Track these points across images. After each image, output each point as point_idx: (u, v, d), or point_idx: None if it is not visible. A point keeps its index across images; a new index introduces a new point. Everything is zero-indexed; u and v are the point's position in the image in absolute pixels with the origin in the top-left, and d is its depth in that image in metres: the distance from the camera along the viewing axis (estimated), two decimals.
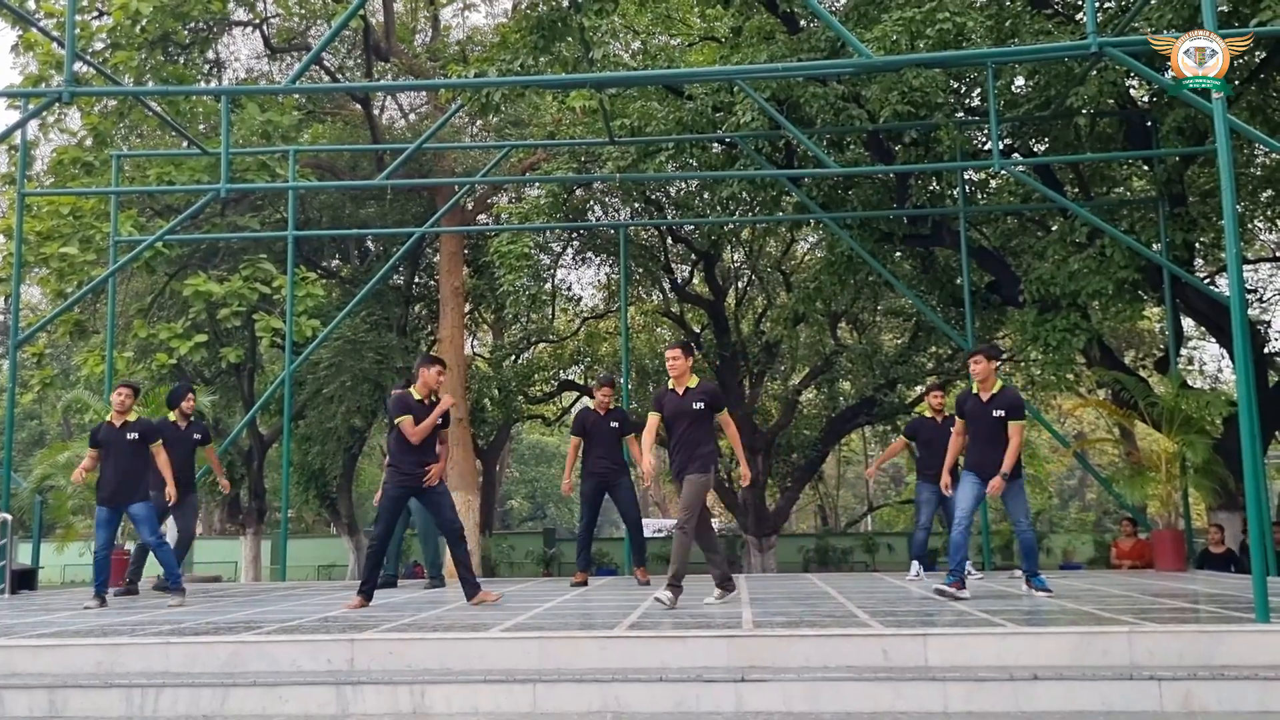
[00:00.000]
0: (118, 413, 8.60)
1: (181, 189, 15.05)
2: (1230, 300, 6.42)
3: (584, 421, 9.51)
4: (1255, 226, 19.26)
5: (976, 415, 7.75)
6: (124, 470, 8.48)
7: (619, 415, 9.60)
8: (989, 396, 7.71)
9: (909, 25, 10.59)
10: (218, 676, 5.64)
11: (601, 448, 9.39)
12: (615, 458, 9.48)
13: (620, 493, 9.55)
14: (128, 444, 8.51)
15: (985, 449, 7.68)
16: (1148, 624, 5.72)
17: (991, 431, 7.68)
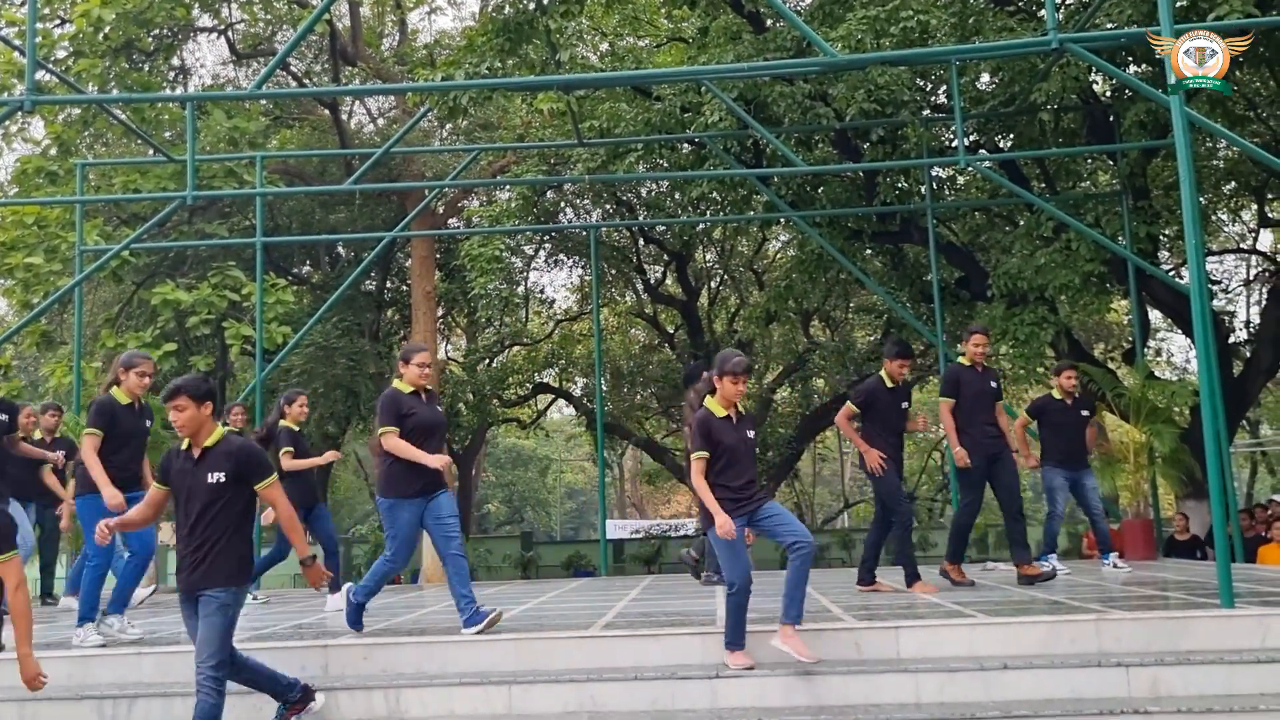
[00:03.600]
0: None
1: (148, 196, 14.92)
2: (1190, 291, 6.52)
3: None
4: (1219, 219, 19.55)
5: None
6: None
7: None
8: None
9: (873, 24, 10.67)
10: (190, 686, 5.58)
11: None
12: None
13: None
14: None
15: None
16: (1115, 612, 5.79)
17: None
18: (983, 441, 7.71)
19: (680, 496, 40.57)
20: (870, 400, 7.74)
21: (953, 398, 7.84)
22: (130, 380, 6.55)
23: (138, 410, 6.65)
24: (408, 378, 6.27)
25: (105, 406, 6.50)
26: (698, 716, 5.12)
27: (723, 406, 5.49)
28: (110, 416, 6.48)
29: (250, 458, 4.78)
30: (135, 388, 6.58)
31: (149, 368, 6.63)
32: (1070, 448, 8.80)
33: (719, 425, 5.46)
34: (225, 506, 4.71)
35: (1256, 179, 15.03)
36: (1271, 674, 5.14)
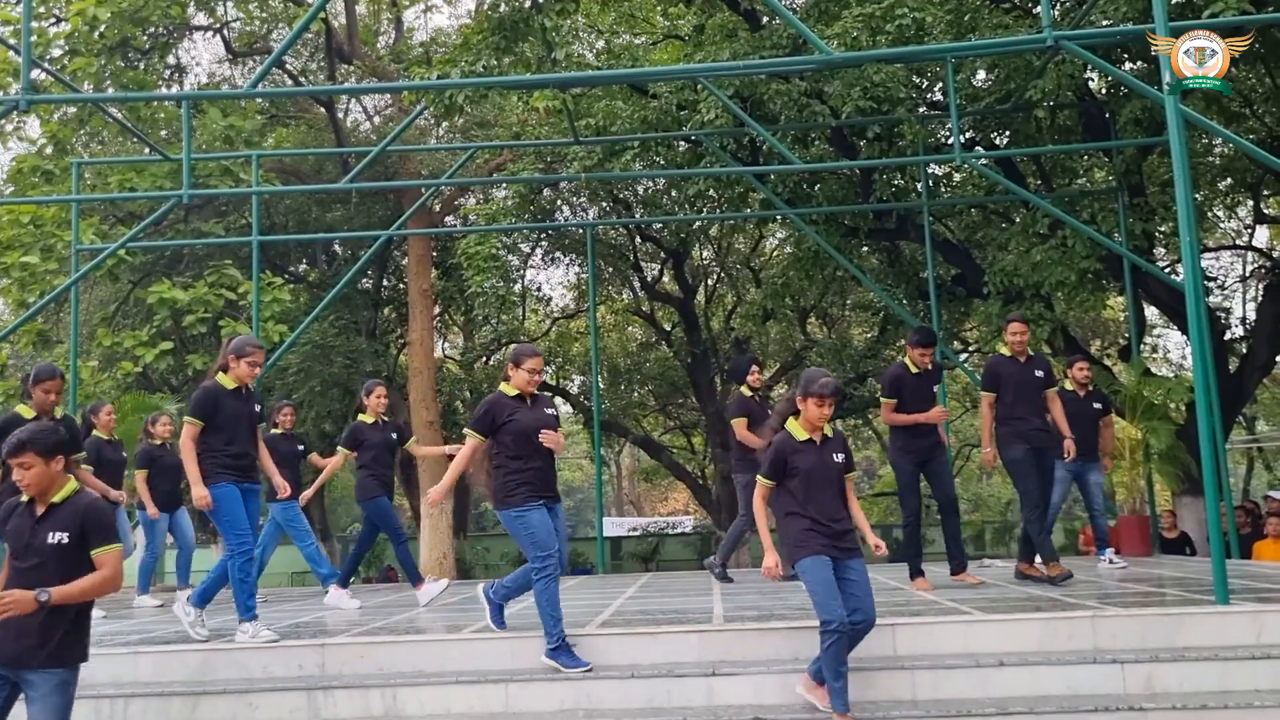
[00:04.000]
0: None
1: (143, 195, 14.90)
2: (1185, 288, 6.53)
3: None
4: (1215, 215, 19.55)
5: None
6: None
7: None
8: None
9: (869, 21, 10.67)
10: (187, 685, 5.62)
11: None
12: None
13: None
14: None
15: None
16: (1111, 608, 5.81)
17: None
18: (1027, 433, 7.46)
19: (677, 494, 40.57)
20: (897, 387, 7.58)
21: (993, 391, 7.60)
22: (240, 369, 6.19)
23: (244, 395, 6.27)
24: (515, 382, 5.73)
25: (208, 393, 6.11)
26: (694, 714, 5.13)
27: (805, 430, 5.08)
28: (213, 404, 6.08)
29: (97, 517, 4.10)
30: (245, 376, 6.23)
31: (260, 356, 6.25)
32: (1079, 440, 8.78)
33: (798, 450, 5.03)
34: (67, 570, 3.99)
35: (1252, 175, 15.04)
36: (1266, 670, 5.16)
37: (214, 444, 6.08)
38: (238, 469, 6.14)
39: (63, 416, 5.96)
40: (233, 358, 6.19)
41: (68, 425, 5.65)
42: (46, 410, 6.38)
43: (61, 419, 5.88)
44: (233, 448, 6.13)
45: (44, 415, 6.27)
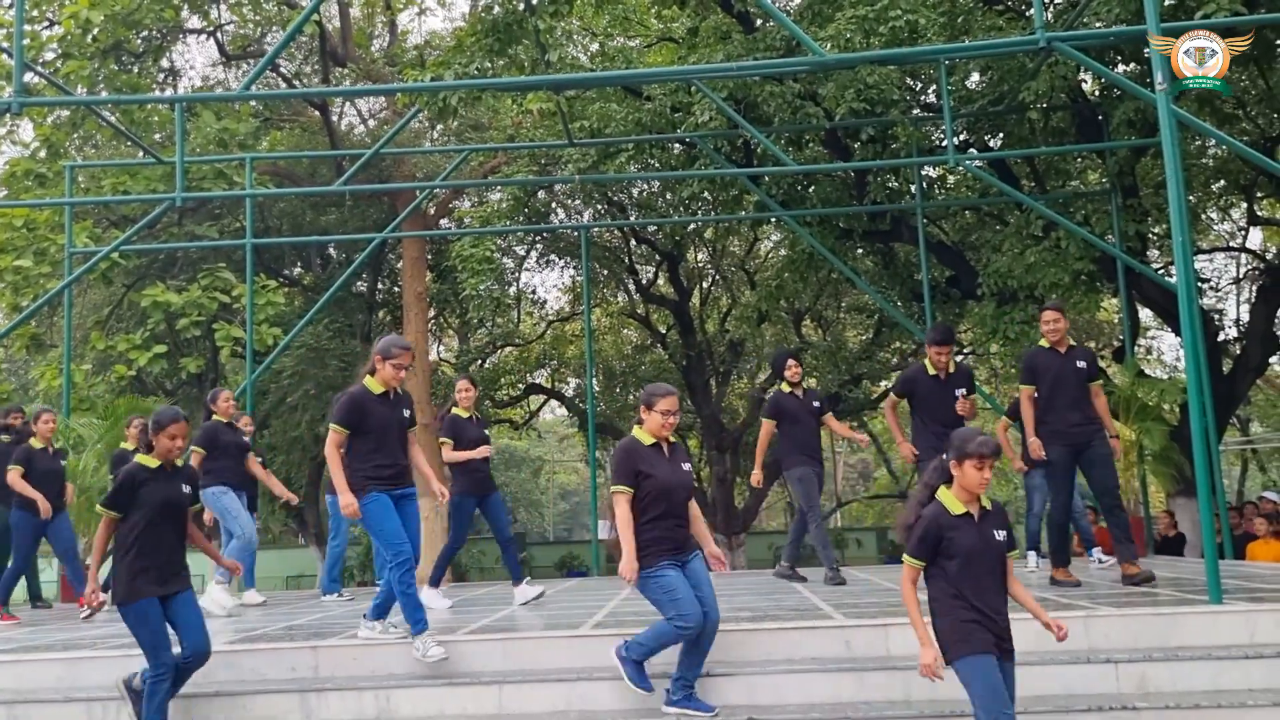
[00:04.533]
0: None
1: (137, 198, 14.88)
2: (1178, 289, 6.54)
3: None
4: (1208, 217, 19.60)
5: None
6: None
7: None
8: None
9: (862, 23, 10.69)
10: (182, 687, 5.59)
11: None
12: None
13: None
14: None
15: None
16: (1105, 608, 5.81)
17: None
18: (1063, 430, 7.10)
19: None
20: (910, 387, 7.40)
21: (1030, 384, 7.27)
22: (386, 371, 5.79)
23: (393, 400, 5.87)
24: (649, 426, 5.11)
25: (354, 399, 5.75)
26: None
27: (962, 500, 4.24)
28: (359, 410, 5.71)
29: None
30: (391, 379, 5.82)
31: (407, 358, 5.81)
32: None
33: (954, 525, 4.21)
34: None
35: (1246, 177, 15.08)
36: (1258, 670, 5.16)
37: (361, 452, 5.71)
38: (387, 477, 5.74)
39: (184, 465, 5.45)
40: (378, 359, 5.82)
41: (189, 476, 5.43)
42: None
43: (183, 468, 5.44)
44: (381, 455, 5.75)
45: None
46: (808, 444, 8.25)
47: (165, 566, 5.18)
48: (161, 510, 5.17)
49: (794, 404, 8.29)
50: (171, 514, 5.22)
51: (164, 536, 5.19)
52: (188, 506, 5.36)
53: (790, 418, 8.24)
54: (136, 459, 5.32)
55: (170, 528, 5.21)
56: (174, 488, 5.28)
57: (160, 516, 5.17)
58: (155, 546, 5.14)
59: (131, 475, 5.18)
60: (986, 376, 23.58)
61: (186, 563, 5.33)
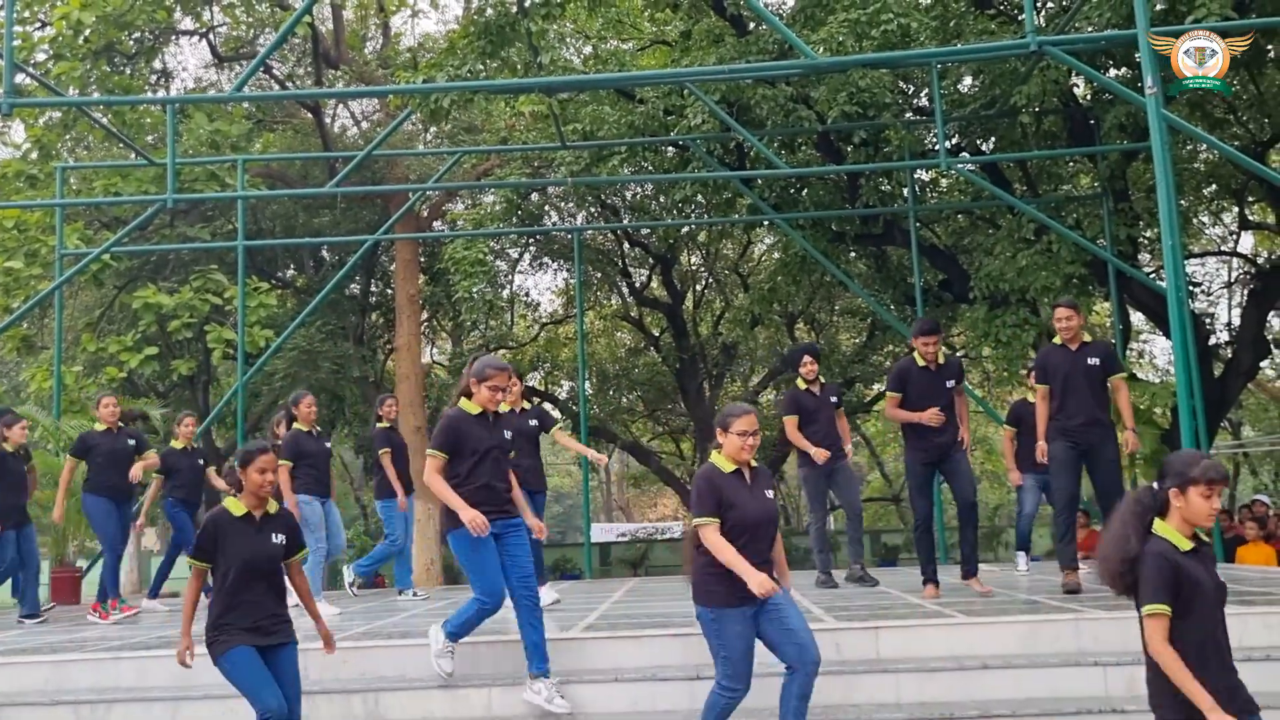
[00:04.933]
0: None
1: (128, 200, 14.84)
2: (1168, 293, 6.56)
3: None
4: (1199, 221, 19.66)
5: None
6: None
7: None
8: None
9: (854, 27, 10.71)
10: (169, 690, 5.58)
11: None
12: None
13: None
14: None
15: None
16: (1094, 610, 5.82)
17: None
18: (1070, 428, 6.91)
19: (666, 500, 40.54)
20: (901, 381, 7.27)
21: (1044, 384, 7.11)
22: (482, 394, 5.35)
23: (491, 422, 5.43)
24: (728, 450, 4.57)
25: (450, 422, 5.33)
26: (677, 717, 5.12)
27: (1185, 535, 3.54)
28: (455, 435, 5.29)
29: None
30: (488, 402, 5.37)
31: (503, 379, 5.36)
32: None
33: (1183, 564, 3.51)
34: None
35: (1237, 182, 15.13)
36: (1247, 673, 5.11)
37: (459, 477, 5.28)
38: (487, 505, 5.24)
39: (278, 511, 4.75)
40: (473, 382, 5.37)
41: (284, 525, 4.71)
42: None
43: (278, 513, 4.75)
44: (479, 481, 5.28)
45: (256, 510, 4.67)
46: (824, 441, 8.03)
47: (259, 622, 4.56)
48: (249, 566, 4.53)
49: (811, 401, 8.11)
50: (262, 571, 4.57)
51: (254, 592, 4.56)
52: (280, 559, 4.67)
53: (808, 415, 8.06)
54: (223, 503, 4.65)
55: (263, 584, 4.58)
56: (263, 541, 4.59)
57: (249, 572, 4.53)
58: (245, 602, 4.52)
59: (214, 522, 4.55)
60: (979, 379, 23.61)
61: (287, 615, 4.72)
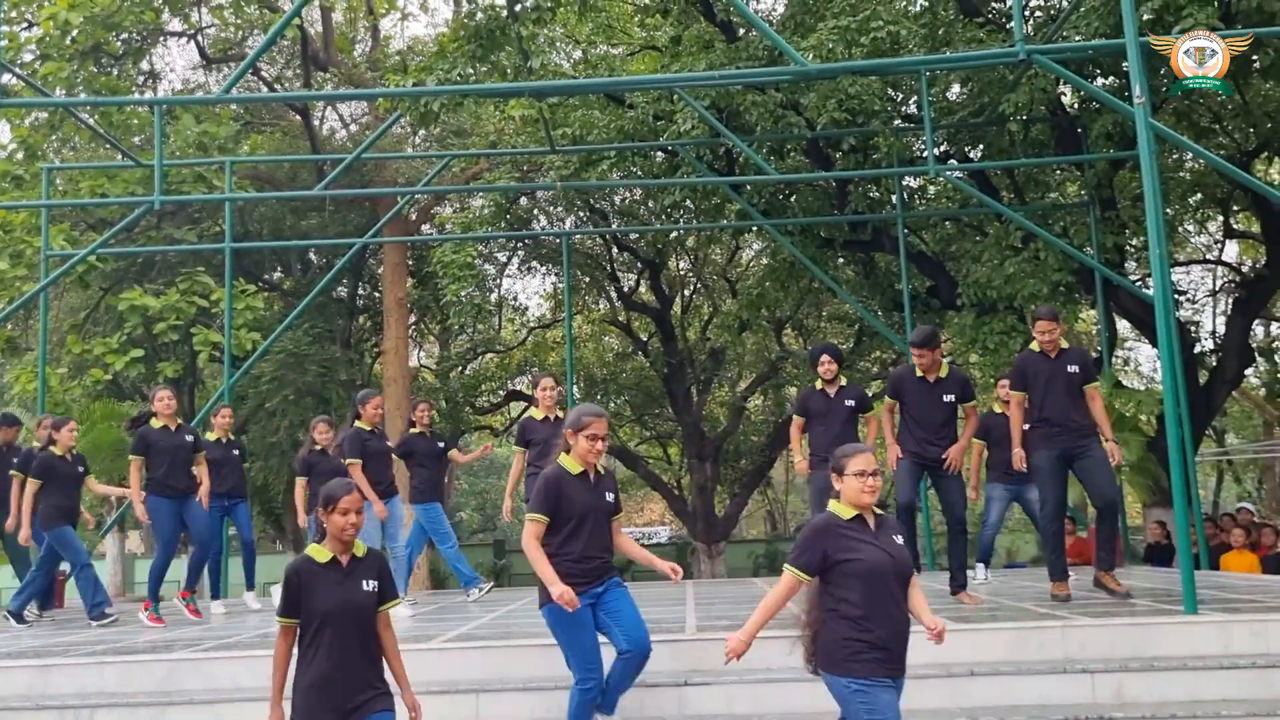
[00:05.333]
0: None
1: (115, 201, 14.77)
2: (1155, 301, 6.59)
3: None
4: (1185, 230, 19.78)
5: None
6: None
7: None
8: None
9: (844, 34, 10.74)
10: (153, 696, 5.55)
11: None
12: None
13: None
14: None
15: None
16: (1081, 618, 5.83)
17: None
18: (1053, 435, 6.85)
19: (653, 505, 40.53)
20: (898, 388, 7.19)
21: (1021, 390, 7.04)
22: (580, 446, 4.79)
23: (594, 482, 4.85)
24: (846, 495, 4.10)
25: (549, 484, 4.76)
26: None
27: None
28: (555, 497, 4.73)
29: None
30: (587, 454, 4.80)
31: (601, 427, 4.79)
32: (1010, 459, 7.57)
33: None
34: None
35: (1223, 191, 15.22)
36: (1234, 680, 5.20)
37: (553, 544, 4.76)
38: (585, 573, 4.74)
39: (367, 554, 4.17)
40: (570, 434, 4.80)
41: (379, 568, 4.15)
42: (346, 542, 4.10)
43: (367, 556, 4.17)
44: (575, 550, 4.74)
45: (342, 555, 4.10)
46: (831, 446, 7.88)
47: (346, 685, 3.95)
48: (336, 618, 3.95)
49: (821, 402, 7.88)
50: (351, 624, 3.98)
51: (341, 650, 3.96)
52: (373, 609, 4.06)
53: (817, 416, 7.88)
54: (308, 550, 4.10)
55: (353, 639, 3.98)
56: (352, 589, 4.01)
57: (334, 626, 3.94)
58: (330, 663, 3.93)
59: (295, 572, 3.99)
60: None
61: (382, 678, 4.10)
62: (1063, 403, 6.87)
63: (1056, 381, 6.89)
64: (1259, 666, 5.23)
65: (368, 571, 4.06)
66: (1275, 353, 21.56)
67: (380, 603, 4.07)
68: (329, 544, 4.06)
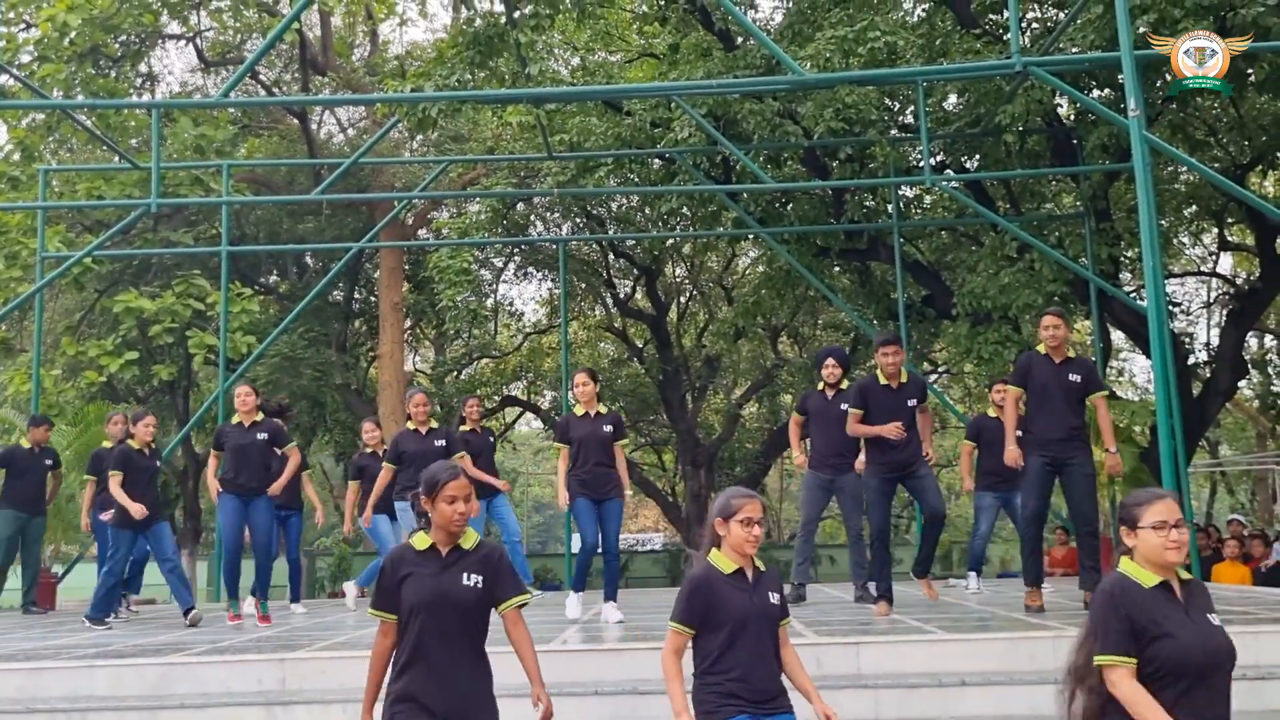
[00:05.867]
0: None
1: (111, 203, 14.76)
2: (1148, 313, 6.62)
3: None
4: (1180, 242, 19.84)
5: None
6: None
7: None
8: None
9: (841, 44, 10.76)
10: (144, 700, 5.53)
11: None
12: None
13: None
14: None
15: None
16: (1073, 629, 5.83)
17: None
18: (1043, 442, 6.80)
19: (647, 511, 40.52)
20: (863, 399, 7.18)
21: (1019, 387, 6.96)
22: (735, 535, 3.74)
23: (753, 582, 3.77)
24: (730, 542, 3.76)
25: (696, 587, 3.76)
26: None
27: None
28: (704, 603, 3.71)
29: None
30: (743, 545, 3.74)
31: (755, 508, 3.76)
32: (1001, 467, 7.38)
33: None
34: None
35: (1217, 203, 15.29)
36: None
37: (705, 661, 3.75)
38: (751, 698, 3.63)
39: (477, 546, 3.71)
40: (719, 523, 3.79)
41: (489, 563, 3.64)
42: (453, 533, 3.61)
43: (477, 549, 3.69)
44: (733, 668, 3.65)
45: (444, 546, 3.65)
46: (826, 449, 7.89)
47: (439, 694, 3.46)
48: (429, 613, 3.47)
49: (820, 404, 7.91)
50: (447, 620, 3.49)
51: (440, 649, 3.47)
52: (476, 607, 3.56)
53: (815, 418, 7.90)
54: (412, 538, 3.65)
55: (450, 639, 3.48)
56: (450, 581, 3.51)
57: (426, 621, 3.46)
58: (426, 663, 3.46)
59: (390, 560, 3.58)
60: (960, 395, 23.72)
61: (487, 689, 3.60)
62: (1060, 411, 6.81)
63: (1057, 389, 6.82)
64: (1249, 679, 5.24)
65: (474, 564, 3.55)
66: (1269, 365, 21.65)
67: (492, 600, 3.58)
68: (434, 532, 3.59)
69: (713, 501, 4.18)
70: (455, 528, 3.55)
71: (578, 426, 7.35)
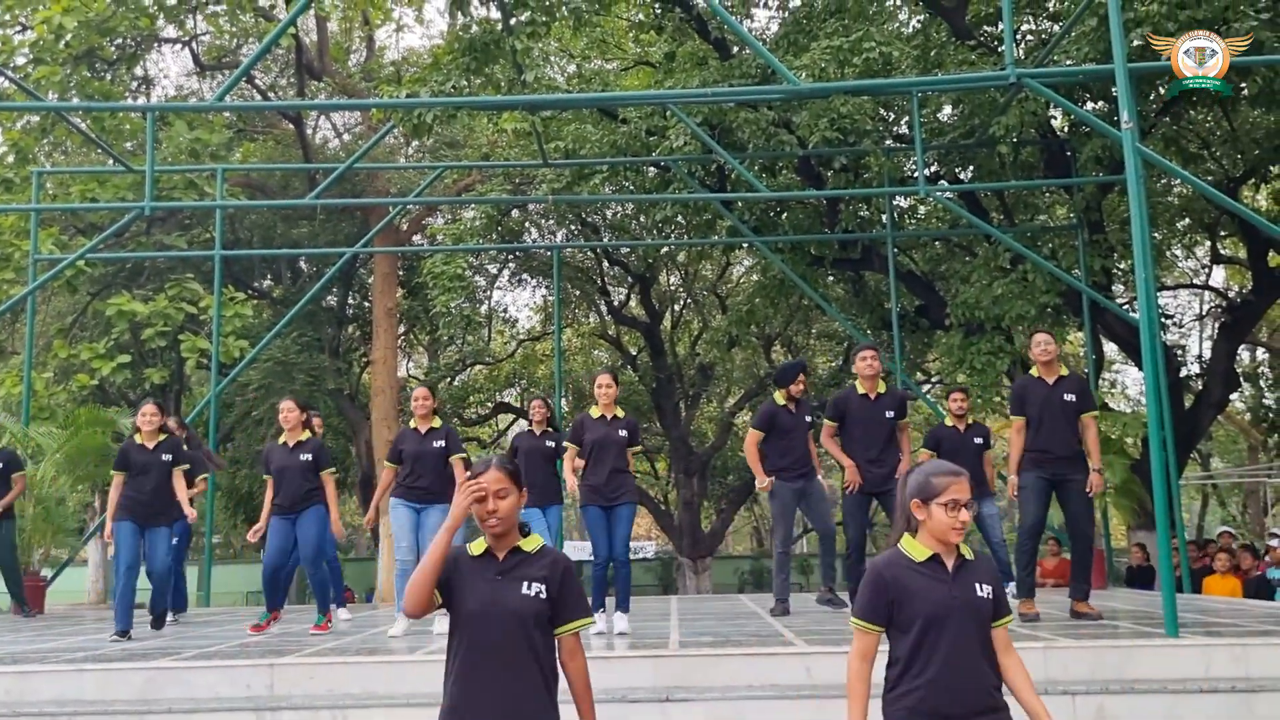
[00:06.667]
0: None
1: (105, 206, 14.73)
2: (1140, 325, 6.63)
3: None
4: (1172, 254, 19.92)
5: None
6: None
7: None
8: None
9: (837, 54, 10.80)
10: (132, 704, 5.51)
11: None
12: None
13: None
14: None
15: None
16: (1063, 640, 5.85)
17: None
18: (1043, 461, 6.89)
19: (639, 519, 40.47)
20: (841, 409, 7.22)
21: (1020, 415, 7.02)
22: (936, 520, 3.11)
23: (950, 572, 3.13)
24: (932, 528, 3.13)
25: (881, 571, 3.20)
26: None
27: None
28: (884, 593, 3.10)
29: None
30: (949, 533, 3.11)
31: (963, 491, 3.11)
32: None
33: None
34: None
35: (1210, 216, 15.36)
36: (1214, 704, 5.21)
37: (897, 667, 3.13)
38: (949, 715, 3.01)
39: (539, 551, 3.28)
40: (917, 504, 3.15)
41: (552, 571, 3.19)
42: (498, 535, 3.19)
43: (538, 553, 3.24)
44: (932, 670, 3.03)
45: (499, 550, 3.24)
46: (796, 462, 7.88)
47: (491, 709, 3.04)
48: (480, 623, 3.05)
49: (788, 419, 7.89)
50: (500, 633, 3.04)
51: (485, 669, 3.04)
52: (533, 619, 3.06)
53: (782, 433, 7.86)
54: (469, 544, 3.23)
55: (504, 655, 3.04)
56: (507, 590, 3.07)
57: (476, 633, 3.05)
58: (467, 682, 3.05)
59: (450, 560, 3.11)
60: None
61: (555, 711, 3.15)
62: (1058, 430, 6.91)
63: (1053, 408, 6.93)
64: (1239, 690, 5.25)
65: (534, 571, 3.10)
66: (1261, 378, 21.71)
67: (554, 619, 3.09)
68: (487, 535, 3.18)
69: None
70: (489, 529, 3.11)
71: (593, 428, 7.07)
